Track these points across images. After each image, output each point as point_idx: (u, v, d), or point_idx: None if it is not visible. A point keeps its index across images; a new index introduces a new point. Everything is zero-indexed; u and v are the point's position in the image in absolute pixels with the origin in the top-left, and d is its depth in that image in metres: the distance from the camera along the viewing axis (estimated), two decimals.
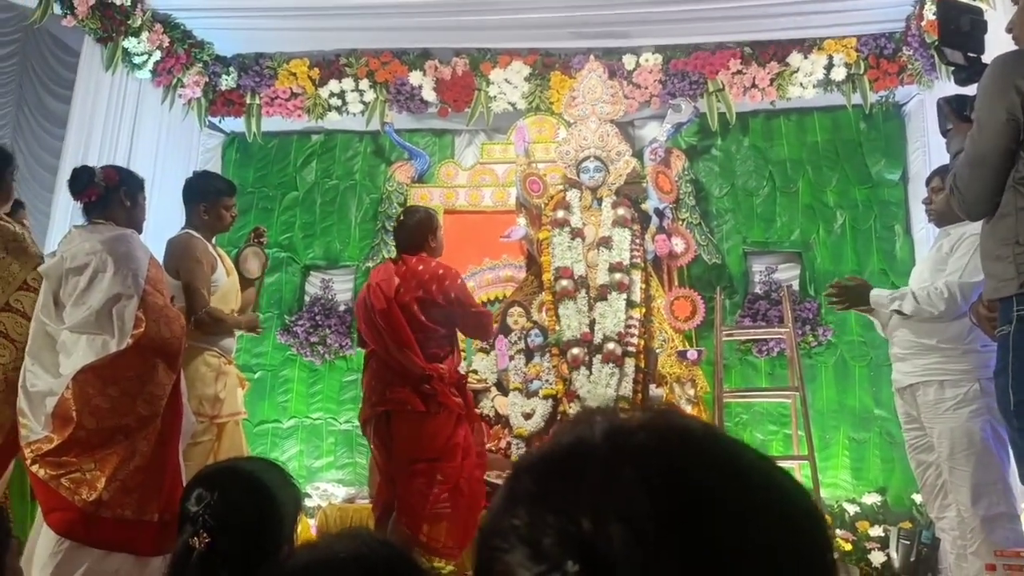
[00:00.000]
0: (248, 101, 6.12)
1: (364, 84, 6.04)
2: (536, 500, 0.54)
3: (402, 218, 4.16)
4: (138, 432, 3.09)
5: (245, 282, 4.17)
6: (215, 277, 3.82)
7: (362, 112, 6.09)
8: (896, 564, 4.84)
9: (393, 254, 5.76)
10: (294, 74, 6.07)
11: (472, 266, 5.91)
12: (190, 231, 3.89)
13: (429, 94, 6.01)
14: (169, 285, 3.57)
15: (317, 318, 6.04)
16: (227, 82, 6.06)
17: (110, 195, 3.35)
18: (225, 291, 3.88)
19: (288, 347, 6.07)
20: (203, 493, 1.47)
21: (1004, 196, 2.12)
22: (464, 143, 6.39)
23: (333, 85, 6.05)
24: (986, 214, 2.18)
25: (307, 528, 4.88)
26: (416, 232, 4.02)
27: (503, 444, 5.16)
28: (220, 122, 6.35)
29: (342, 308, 6.09)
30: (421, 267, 3.91)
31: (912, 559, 4.76)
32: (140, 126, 5.60)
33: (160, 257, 3.77)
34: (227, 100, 6.13)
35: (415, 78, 6.00)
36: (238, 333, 4.10)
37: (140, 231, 3.56)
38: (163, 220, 5.26)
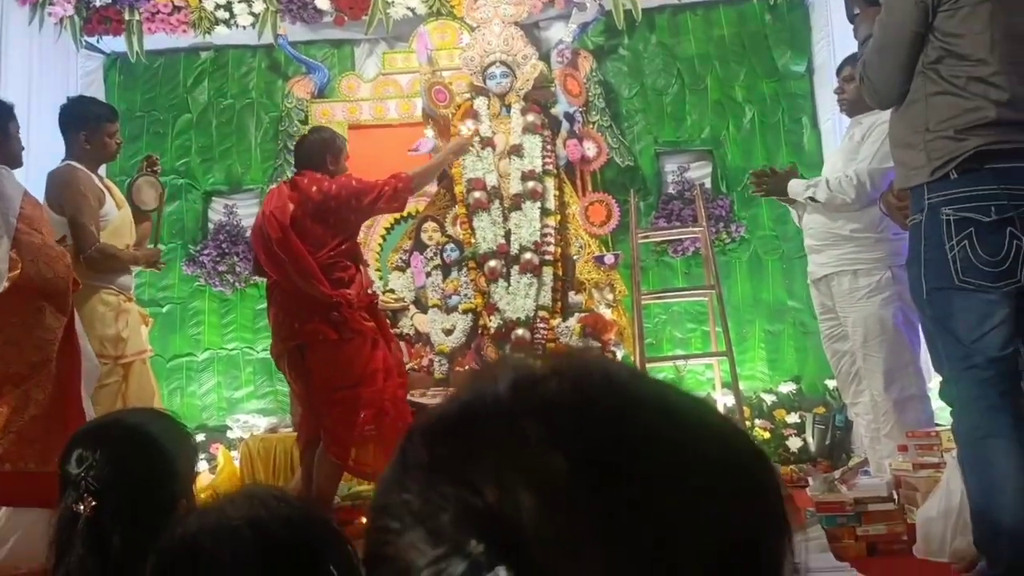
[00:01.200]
0: (127, 17, 5.68)
1: None
2: (431, 469, 0.45)
3: (305, 134, 3.96)
4: (30, 379, 2.93)
5: (140, 215, 3.94)
6: (104, 211, 3.59)
7: (253, 25, 5.72)
8: (812, 448, 5.02)
9: None
10: None
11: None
12: (72, 162, 3.63)
13: (323, 2, 5.67)
14: (54, 222, 3.33)
15: (223, 246, 5.80)
16: None
17: None
18: (117, 225, 3.66)
19: (195, 278, 5.84)
20: (83, 453, 1.34)
21: (913, 82, 2.09)
22: (364, 54, 6.10)
23: None
24: (896, 101, 2.15)
25: (230, 461, 4.78)
26: (315, 150, 3.82)
27: (425, 362, 5.10)
28: (99, 42, 5.89)
29: (248, 234, 5.82)
30: (314, 187, 3.69)
31: (827, 442, 4.94)
32: (8, 49, 5.15)
33: (42, 193, 3.52)
34: (103, 17, 5.68)
35: None
36: (136, 269, 3.89)
37: (15, 164, 3.30)
38: (44, 152, 4.92)
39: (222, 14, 5.69)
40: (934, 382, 3.64)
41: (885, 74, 2.12)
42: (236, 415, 5.56)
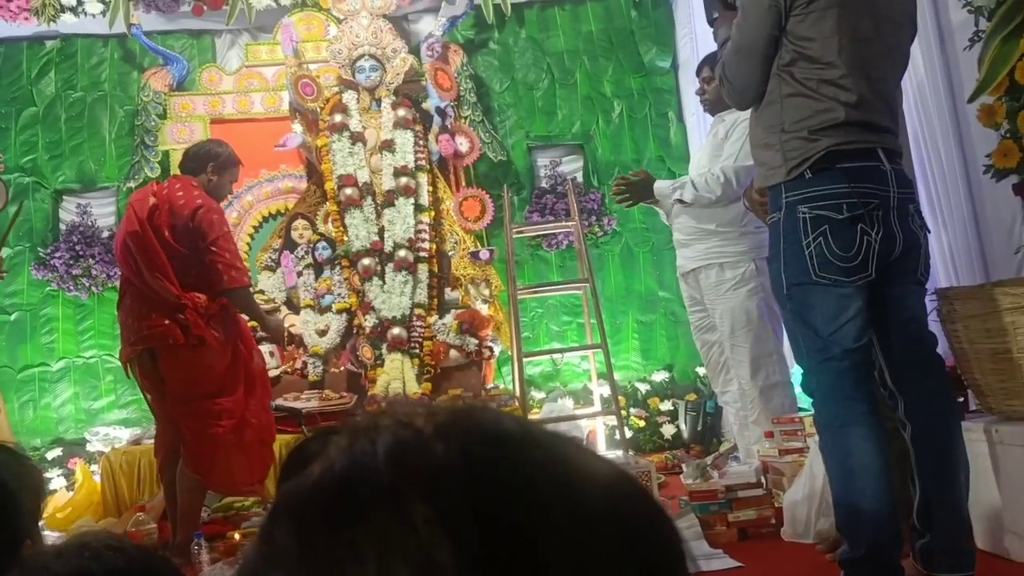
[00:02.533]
0: None
1: None
2: (301, 562, 0.40)
3: (199, 141, 3.73)
4: None
5: None
6: None
7: (103, 13, 5.40)
8: (685, 435, 5.17)
9: (155, 171, 5.33)
10: None
11: (248, 179, 5.50)
12: None
13: None
14: None
15: (77, 248, 5.45)
16: None
17: None
18: None
19: (47, 282, 5.47)
20: None
21: (770, 83, 2.14)
22: (226, 45, 5.86)
23: None
24: (754, 102, 2.20)
25: (89, 477, 4.51)
26: (197, 157, 3.63)
27: (299, 364, 4.95)
28: None
29: (105, 234, 5.52)
30: (180, 193, 3.50)
31: (699, 428, 5.10)
32: None
33: None
34: None
35: None
36: None
37: None
38: None
39: (69, 1, 5.34)
40: (796, 369, 3.81)
41: (743, 76, 2.17)
42: (96, 427, 5.25)
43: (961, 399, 2.50)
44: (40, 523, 1.33)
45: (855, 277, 2.04)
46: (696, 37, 5.59)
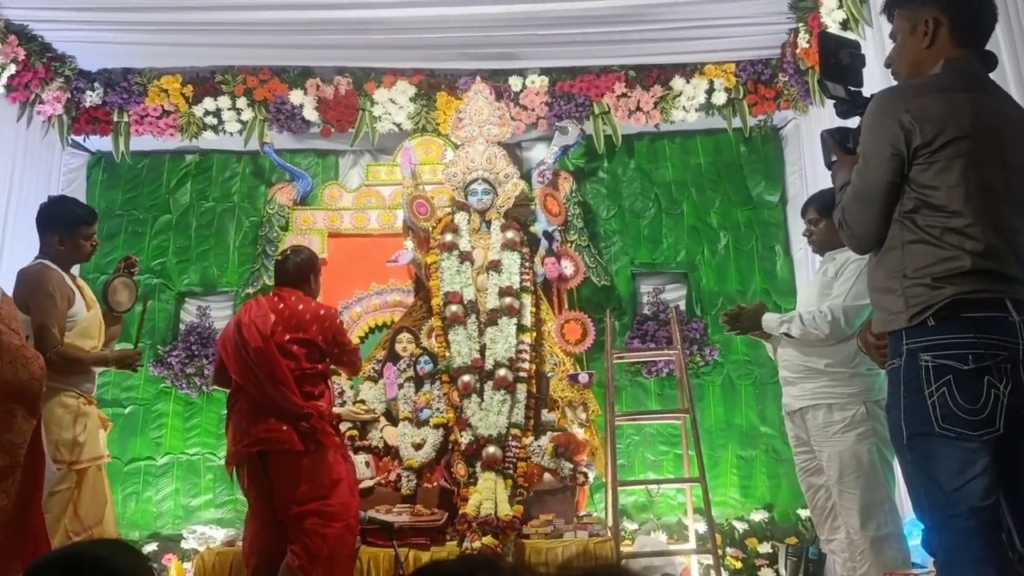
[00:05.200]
0: (115, 119, 5.76)
1: (242, 102, 5.78)
2: None
3: (288, 254, 4.01)
4: None
5: (111, 316, 3.88)
6: (72, 311, 3.53)
7: (240, 131, 5.82)
8: None
9: (273, 279, 5.59)
10: (166, 91, 5.75)
11: (358, 291, 5.72)
12: (44, 261, 3.59)
13: (311, 113, 5.81)
14: (22, 322, 3.27)
15: (193, 348, 5.71)
16: (92, 99, 5.70)
17: None
18: (84, 326, 3.59)
19: (162, 379, 5.72)
20: None
21: (891, 229, 2.13)
22: (348, 164, 6.20)
23: (208, 103, 5.77)
24: (874, 247, 2.19)
25: (182, 574, 4.57)
26: (301, 270, 3.95)
27: (392, 477, 4.97)
28: (85, 140, 5.95)
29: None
30: (301, 306, 3.80)
31: (800, 574, 4.84)
32: None
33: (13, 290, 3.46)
34: (92, 118, 5.76)
35: (296, 97, 5.78)
36: (101, 370, 3.80)
37: None
38: (22, 246, 4.88)
39: (211, 120, 5.79)
40: (908, 520, 3.61)
41: (863, 222, 2.17)
42: (192, 525, 5.36)
43: None
44: None
45: (981, 431, 1.96)
46: (805, 173, 5.64)
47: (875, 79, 2.98)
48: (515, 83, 5.82)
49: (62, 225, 3.62)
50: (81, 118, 5.74)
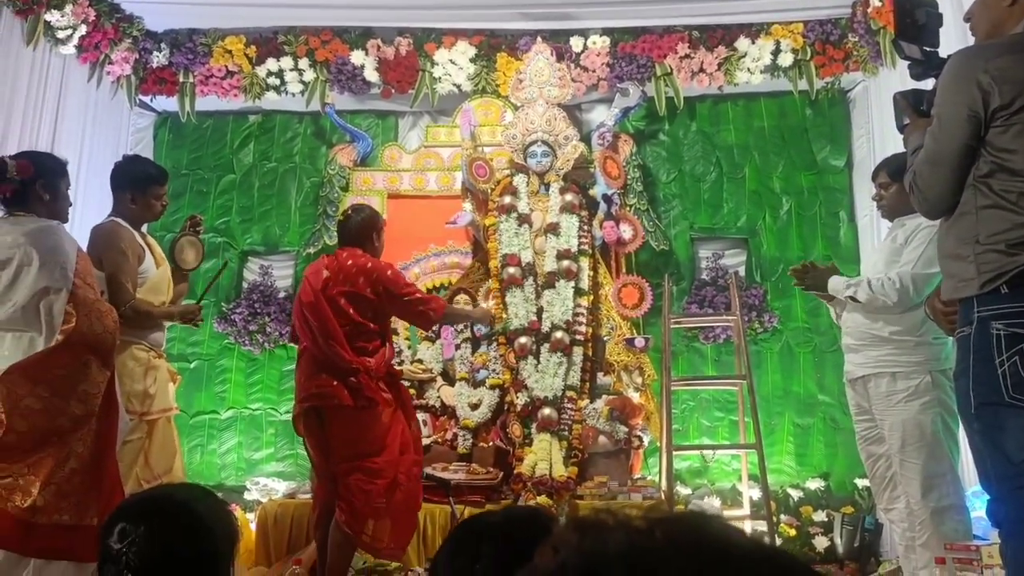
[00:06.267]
0: (181, 79, 5.85)
1: (304, 63, 5.82)
2: None
3: (349, 213, 4.03)
4: (73, 433, 2.96)
5: (179, 273, 3.98)
6: (143, 268, 3.63)
7: (302, 92, 5.87)
8: (840, 549, 4.88)
9: (334, 239, 5.65)
10: (230, 52, 5.82)
11: (417, 252, 5.77)
12: (116, 219, 3.69)
13: (372, 74, 5.83)
14: (96, 277, 3.38)
15: (256, 305, 5.84)
16: (158, 59, 5.80)
17: (27, 189, 3.18)
18: (155, 282, 3.70)
19: (226, 336, 5.87)
20: (127, 528, 1.31)
21: (964, 194, 2.08)
22: (408, 125, 6.22)
23: (271, 64, 5.82)
24: (946, 212, 2.13)
25: (245, 525, 4.72)
26: (362, 229, 3.95)
27: (449, 436, 5.05)
28: (152, 101, 6.08)
29: (282, 295, 5.90)
30: (350, 261, 3.82)
31: (856, 544, 4.81)
32: (65, 105, 5.31)
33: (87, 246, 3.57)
34: (159, 78, 5.86)
35: (357, 57, 5.80)
36: (169, 324, 3.91)
37: (65, 220, 3.37)
38: (94, 204, 5.03)
39: (273, 81, 5.84)
40: (971, 488, 3.55)
41: (936, 186, 2.11)
42: (255, 477, 5.52)
43: None
44: (233, 568, 1.41)
45: None
46: (873, 137, 5.49)
47: (952, 39, 2.88)
48: (576, 44, 5.75)
49: (135, 184, 3.71)
50: (148, 78, 5.84)
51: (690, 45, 5.66)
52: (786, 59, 5.60)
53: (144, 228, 3.95)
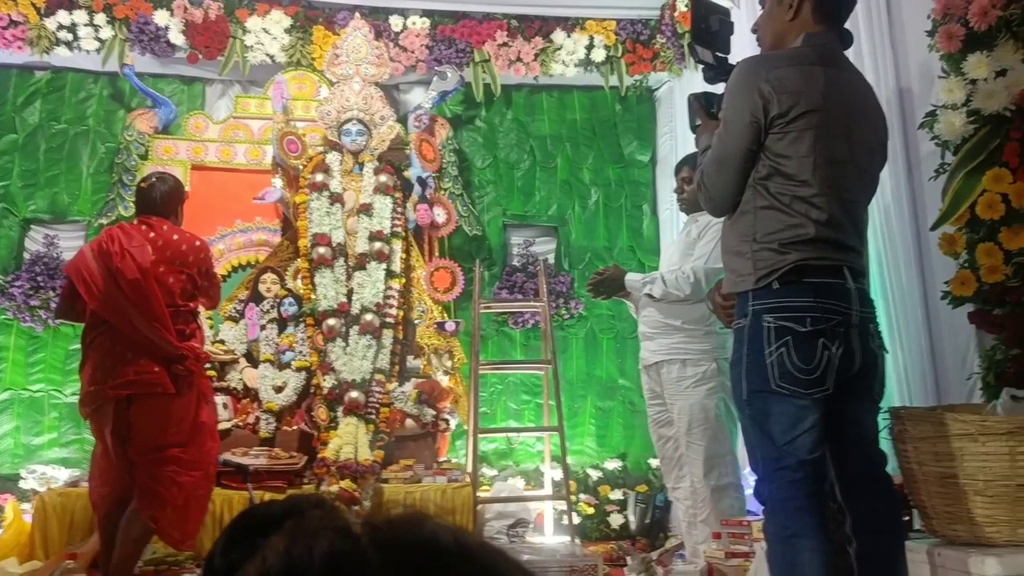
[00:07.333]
0: None
1: (100, 19, 5.40)
2: None
3: (153, 181, 3.74)
4: None
5: None
6: None
7: (97, 50, 5.45)
8: (633, 526, 5.14)
9: (130, 210, 5.29)
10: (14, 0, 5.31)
11: (222, 228, 5.51)
12: None
13: (177, 37, 5.50)
14: None
15: (39, 279, 5.37)
16: None
17: None
18: None
19: (3, 311, 5.37)
20: None
21: (745, 194, 2.22)
22: (216, 94, 5.92)
23: (62, 16, 5.36)
24: (729, 211, 2.27)
25: (20, 516, 4.36)
26: (168, 199, 3.70)
27: (251, 419, 4.88)
28: None
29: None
30: (176, 237, 3.59)
31: (647, 521, 5.08)
32: None
33: None
34: None
35: (161, 17, 5.45)
36: None
37: None
38: None
39: (65, 35, 5.39)
40: (746, 469, 3.83)
41: (720, 185, 2.25)
42: (33, 465, 5.10)
43: (906, 518, 2.54)
44: None
45: (813, 390, 2.08)
46: (676, 135, 5.77)
47: (744, 48, 3.07)
48: (396, 23, 5.68)
49: None
50: None
51: (508, 34, 5.73)
52: (599, 55, 5.78)
53: None
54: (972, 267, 2.74)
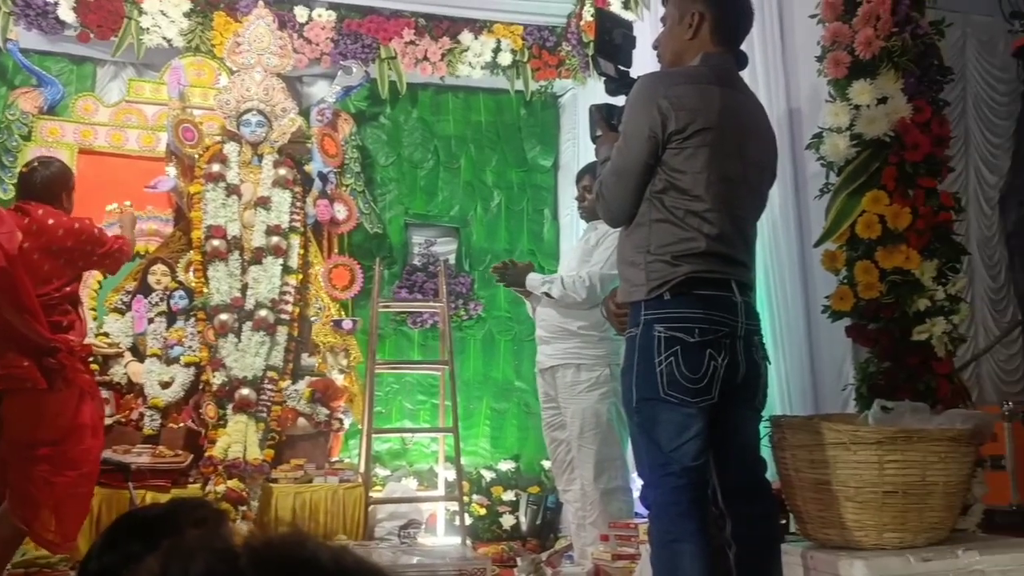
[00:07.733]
0: None
1: None
2: None
3: (36, 166, 3.56)
4: None
5: None
6: None
7: None
8: (524, 527, 5.19)
9: (9, 193, 5.02)
10: None
11: (109, 218, 5.28)
12: None
13: (67, 13, 5.25)
14: None
15: None
16: None
17: None
18: None
19: None
20: None
21: (641, 207, 2.27)
22: (108, 76, 5.68)
23: None
24: (626, 222, 2.32)
25: None
26: (51, 184, 3.51)
27: (134, 416, 4.70)
28: None
29: None
30: (51, 221, 3.41)
31: (538, 522, 5.13)
32: None
33: None
34: None
35: None
36: None
37: None
38: None
39: None
40: (634, 473, 3.93)
41: (618, 197, 2.29)
42: None
43: (783, 521, 2.65)
44: None
45: (699, 399, 2.15)
46: (579, 142, 5.86)
47: (645, 62, 3.14)
48: (300, 14, 5.57)
49: None
50: None
51: (416, 32, 5.71)
52: (505, 58, 5.82)
53: None
54: (851, 283, 2.88)
